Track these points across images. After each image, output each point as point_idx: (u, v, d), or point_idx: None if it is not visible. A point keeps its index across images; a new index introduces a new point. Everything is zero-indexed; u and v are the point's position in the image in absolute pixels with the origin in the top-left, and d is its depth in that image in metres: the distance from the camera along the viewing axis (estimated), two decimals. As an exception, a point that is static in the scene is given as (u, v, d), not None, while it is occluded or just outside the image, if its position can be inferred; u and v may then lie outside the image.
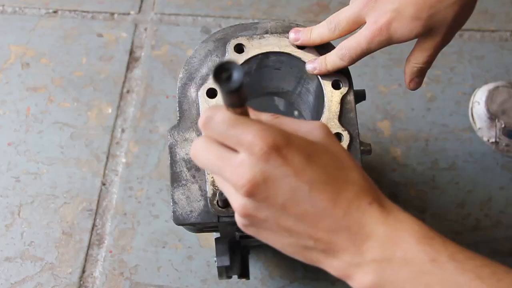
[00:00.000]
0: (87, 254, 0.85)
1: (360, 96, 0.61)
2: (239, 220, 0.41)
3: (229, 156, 0.38)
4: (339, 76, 0.58)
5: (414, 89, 0.59)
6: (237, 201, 0.39)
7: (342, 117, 0.57)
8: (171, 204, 0.56)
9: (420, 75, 0.58)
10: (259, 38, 0.60)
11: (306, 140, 0.39)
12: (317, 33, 0.58)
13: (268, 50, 0.59)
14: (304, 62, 0.59)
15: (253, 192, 0.38)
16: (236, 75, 0.35)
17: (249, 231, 0.42)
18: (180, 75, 0.60)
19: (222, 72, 0.35)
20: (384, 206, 0.39)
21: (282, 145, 0.37)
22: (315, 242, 0.39)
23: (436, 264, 0.37)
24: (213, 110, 0.39)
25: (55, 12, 1.07)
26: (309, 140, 0.40)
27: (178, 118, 0.58)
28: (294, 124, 0.41)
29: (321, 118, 0.57)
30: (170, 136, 0.58)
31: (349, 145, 0.56)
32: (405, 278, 0.38)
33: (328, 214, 0.38)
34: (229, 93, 0.36)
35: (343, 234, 0.38)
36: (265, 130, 0.38)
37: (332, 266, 0.40)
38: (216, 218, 0.55)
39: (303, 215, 0.38)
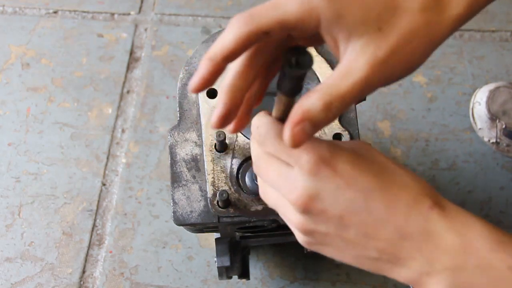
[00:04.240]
0: (87, 255, 0.85)
1: (360, 96, 0.61)
2: (301, 238, 0.40)
3: (286, 172, 0.38)
4: None
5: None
6: (294, 218, 0.39)
7: (342, 117, 0.57)
8: (172, 204, 0.56)
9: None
10: (259, 38, 0.60)
11: (351, 150, 0.39)
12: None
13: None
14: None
15: (307, 207, 0.37)
16: (308, 59, 0.35)
17: (313, 248, 0.41)
18: (181, 76, 0.60)
19: (292, 56, 0.35)
20: (446, 210, 0.38)
21: (329, 156, 0.37)
22: (379, 252, 0.38)
23: None
24: (264, 125, 0.39)
25: (55, 12, 1.07)
26: (354, 151, 0.39)
27: (178, 118, 0.58)
28: (334, 143, 0.40)
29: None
30: (171, 136, 0.58)
31: (350, 146, 0.56)
32: (482, 286, 0.36)
33: (388, 222, 0.37)
34: (295, 78, 0.36)
35: (407, 243, 0.37)
36: (311, 142, 0.37)
37: (401, 275, 0.38)
38: (216, 218, 0.55)
39: (363, 225, 0.37)
